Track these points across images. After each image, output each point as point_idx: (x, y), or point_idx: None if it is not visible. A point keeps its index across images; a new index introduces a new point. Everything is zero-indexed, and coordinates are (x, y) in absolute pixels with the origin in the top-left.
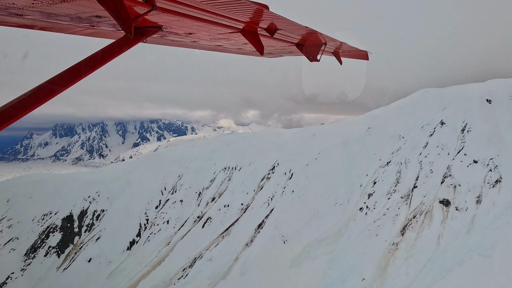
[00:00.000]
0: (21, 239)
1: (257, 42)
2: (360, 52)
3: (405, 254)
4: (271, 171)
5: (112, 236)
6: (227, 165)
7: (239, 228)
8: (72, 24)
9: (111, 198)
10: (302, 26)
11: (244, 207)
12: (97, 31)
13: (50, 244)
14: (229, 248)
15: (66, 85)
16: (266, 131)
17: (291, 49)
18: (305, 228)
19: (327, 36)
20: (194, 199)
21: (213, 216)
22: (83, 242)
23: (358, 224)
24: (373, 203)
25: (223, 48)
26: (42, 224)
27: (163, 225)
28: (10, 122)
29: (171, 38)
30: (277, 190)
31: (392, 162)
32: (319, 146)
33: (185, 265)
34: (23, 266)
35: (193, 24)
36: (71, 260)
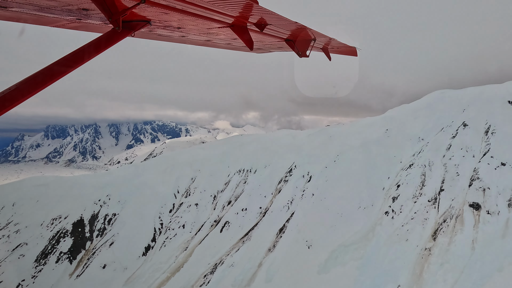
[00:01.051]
0: (30, 245)
1: (246, 37)
2: (349, 48)
3: (439, 260)
4: (288, 174)
5: (126, 241)
6: (241, 167)
7: (259, 232)
8: (58, 17)
9: (122, 201)
10: (291, 21)
11: (263, 211)
12: (84, 25)
13: (61, 249)
14: (251, 253)
15: (52, 79)
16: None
17: (281, 45)
18: (329, 232)
19: (317, 31)
20: (209, 202)
21: (231, 220)
22: (95, 248)
23: (385, 228)
24: (399, 206)
25: (213, 43)
26: (51, 229)
27: (178, 230)
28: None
29: (159, 32)
30: (296, 193)
31: (415, 164)
32: (337, 148)
33: (206, 271)
34: (34, 273)
35: (182, 18)
36: (84, 267)
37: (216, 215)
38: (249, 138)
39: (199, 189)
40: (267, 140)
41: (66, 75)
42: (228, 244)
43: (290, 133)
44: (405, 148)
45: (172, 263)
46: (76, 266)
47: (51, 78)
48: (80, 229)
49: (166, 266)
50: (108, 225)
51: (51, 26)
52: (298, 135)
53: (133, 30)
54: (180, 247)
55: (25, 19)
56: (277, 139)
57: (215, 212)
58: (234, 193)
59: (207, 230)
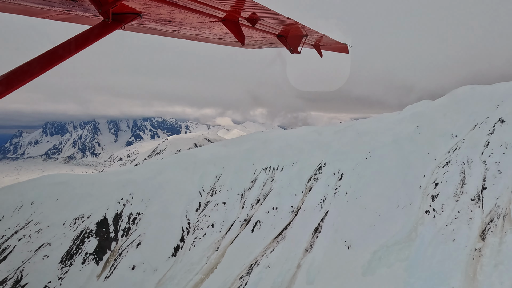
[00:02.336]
0: (54, 245)
1: (238, 32)
2: (341, 45)
3: (492, 261)
4: (318, 172)
5: (154, 241)
6: (267, 165)
7: (294, 232)
8: (46, 8)
9: (146, 200)
10: (284, 16)
11: (295, 210)
12: (73, 16)
13: (87, 250)
14: (288, 254)
15: (40, 71)
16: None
17: (273, 40)
18: (369, 232)
19: (308, 28)
20: (237, 201)
21: (262, 219)
22: (121, 248)
23: (428, 228)
24: (440, 205)
25: (204, 37)
26: (74, 228)
27: (207, 229)
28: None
29: (150, 25)
30: (328, 192)
31: (452, 162)
32: (367, 145)
33: (242, 272)
34: (60, 274)
35: (173, 11)
36: (112, 268)
37: (246, 214)
38: (272, 135)
39: (225, 187)
40: (292, 137)
41: (53, 67)
42: (262, 244)
43: (315, 129)
44: (438, 145)
45: (204, 264)
46: (103, 267)
47: (38, 71)
48: (105, 229)
49: (199, 267)
50: (132, 225)
51: (38, 17)
52: (324, 132)
53: (123, 22)
54: (210, 247)
55: (11, 9)
56: (302, 136)
57: (244, 211)
58: (262, 191)
59: (238, 230)
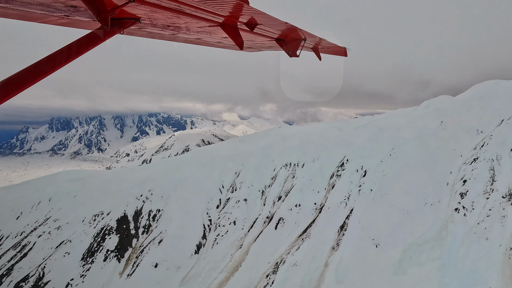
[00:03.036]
0: (74, 242)
1: (236, 37)
2: (339, 48)
3: None
4: (340, 168)
5: (175, 238)
6: (287, 161)
7: (319, 229)
8: (45, 14)
9: (165, 197)
10: (282, 21)
11: (318, 207)
12: (72, 21)
13: (108, 247)
14: (314, 252)
15: (39, 77)
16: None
17: (271, 44)
18: (397, 230)
19: (307, 32)
20: (258, 198)
21: (285, 217)
22: (142, 245)
23: (459, 226)
24: (470, 203)
25: (203, 41)
26: (94, 225)
27: (229, 226)
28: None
29: (149, 30)
30: (352, 189)
31: (480, 158)
32: (391, 141)
33: (267, 271)
34: (82, 271)
35: (172, 16)
36: (134, 265)
37: (268, 211)
38: (291, 131)
39: (246, 183)
40: (311, 133)
41: (53, 73)
42: (286, 242)
43: (335, 125)
44: (464, 141)
45: (228, 262)
46: (125, 265)
47: (38, 76)
48: (125, 226)
49: (223, 265)
50: (153, 222)
51: (38, 22)
52: (344, 128)
53: (122, 27)
54: (233, 245)
55: (10, 14)
56: (322, 132)
57: (266, 208)
58: (283, 188)
59: (260, 227)
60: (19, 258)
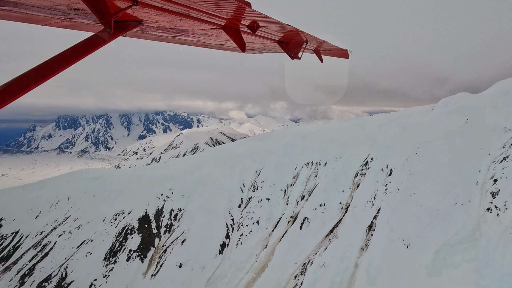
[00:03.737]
0: (96, 242)
1: (238, 39)
2: (341, 50)
3: None
4: (365, 167)
5: (198, 238)
6: (309, 160)
7: (346, 229)
8: (48, 16)
9: (186, 196)
10: (283, 24)
11: (344, 206)
12: (75, 24)
13: (131, 247)
14: (342, 252)
15: (43, 79)
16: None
17: (273, 46)
18: (428, 231)
19: (308, 34)
20: (280, 197)
21: (310, 216)
22: (165, 245)
23: (493, 226)
24: (502, 203)
25: (205, 43)
26: (115, 224)
27: (253, 226)
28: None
29: (152, 32)
30: (378, 188)
31: (510, 157)
32: (416, 139)
33: (295, 271)
34: (105, 271)
35: (174, 19)
36: (158, 265)
37: (291, 210)
38: (311, 129)
39: (267, 182)
40: (333, 131)
41: (56, 75)
42: (312, 242)
43: (356, 123)
44: (491, 139)
45: (254, 262)
46: (148, 265)
47: (41, 78)
48: (147, 225)
49: (248, 265)
50: (174, 221)
51: (41, 24)
52: (366, 126)
53: (125, 30)
54: (258, 245)
55: (15, 17)
56: (343, 130)
57: (289, 207)
58: (306, 187)
59: (285, 227)
60: (40, 258)
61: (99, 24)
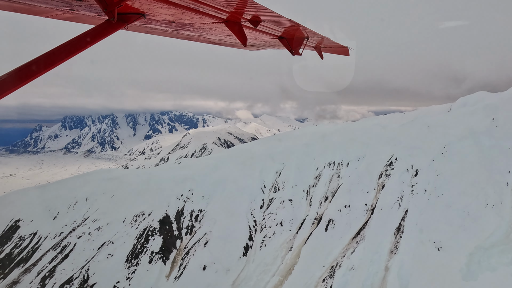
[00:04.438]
0: (117, 243)
1: (240, 34)
2: (341, 47)
3: None
4: (389, 167)
5: (221, 240)
6: (330, 160)
7: (373, 232)
8: (50, 7)
9: (207, 197)
10: (285, 18)
11: (369, 208)
12: (77, 16)
13: (152, 249)
14: (371, 255)
15: (43, 70)
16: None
17: (274, 42)
18: (459, 233)
19: (310, 30)
20: (303, 198)
21: (335, 218)
22: (187, 246)
23: None
24: None
25: (206, 38)
26: (136, 226)
27: (276, 228)
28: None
29: (153, 26)
30: (404, 189)
31: None
32: (441, 139)
33: (323, 274)
34: (127, 274)
35: (176, 12)
36: (181, 267)
37: (315, 212)
38: (330, 129)
39: (289, 183)
40: (353, 131)
41: (56, 66)
42: (339, 244)
43: (378, 122)
44: None
45: (280, 265)
46: (171, 267)
47: (41, 69)
48: (168, 227)
49: (274, 267)
50: (195, 222)
51: (43, 16)
52: (388, 125)
53: (126, 22)
54: (283, 247)
55: (16, 8)
56: (364, 129)
57: (312, 208)
58: (329, 188)
59: (309, 228)
60: (61, 260)
61: (101, 16)
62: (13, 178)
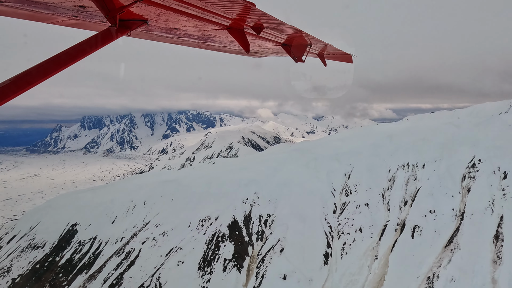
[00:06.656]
0: (186, 250)
1: (243, 40)
2: (345, 54)
3: None
4: (472, 169)
5: (297, 247)
6: (403, 162)
7: (467, 239)
8: (54, 14)
9: (273, 200)
10: (288, 25)
11: (457, 213)
12: (80, 22)
13: (225, 256)
14: (472, 265)
15: (45, 76)
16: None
17: (277, 49)
18: None
19: (313, 37)
20: (379, 202)
21: (420, 224)
22: (260, 254)
23: None
24: None
25: (209, 45)
26: (203, 231)
27: (355, 234)
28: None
29: (156, 32)
30: (494, 193)
31: None
32: None
33: (420, 286)
34: (202, 283)
35: (179, 19)
36: (258, 276)
37: (396, 217)
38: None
39: (362, 186)
40: (423, 130)
41: (58, 72)
42: (431, 253)
43: (451, 121)
44: None
45: (367, 275)
46: (246, 275)
47: (44, 75)
48: (237, 232)
49: (362, 278)
50: (265, 228)
51: (46, 22)
52: (461, 124)
53: (129, 29)
54: (367, 255)
55: (20, 14)
56: (435, 129)
57: (392, 213)
58: (406, 191)
59: (392, 235)
60: (127, 266)
61: (104, 22)
62: (38, 178)
